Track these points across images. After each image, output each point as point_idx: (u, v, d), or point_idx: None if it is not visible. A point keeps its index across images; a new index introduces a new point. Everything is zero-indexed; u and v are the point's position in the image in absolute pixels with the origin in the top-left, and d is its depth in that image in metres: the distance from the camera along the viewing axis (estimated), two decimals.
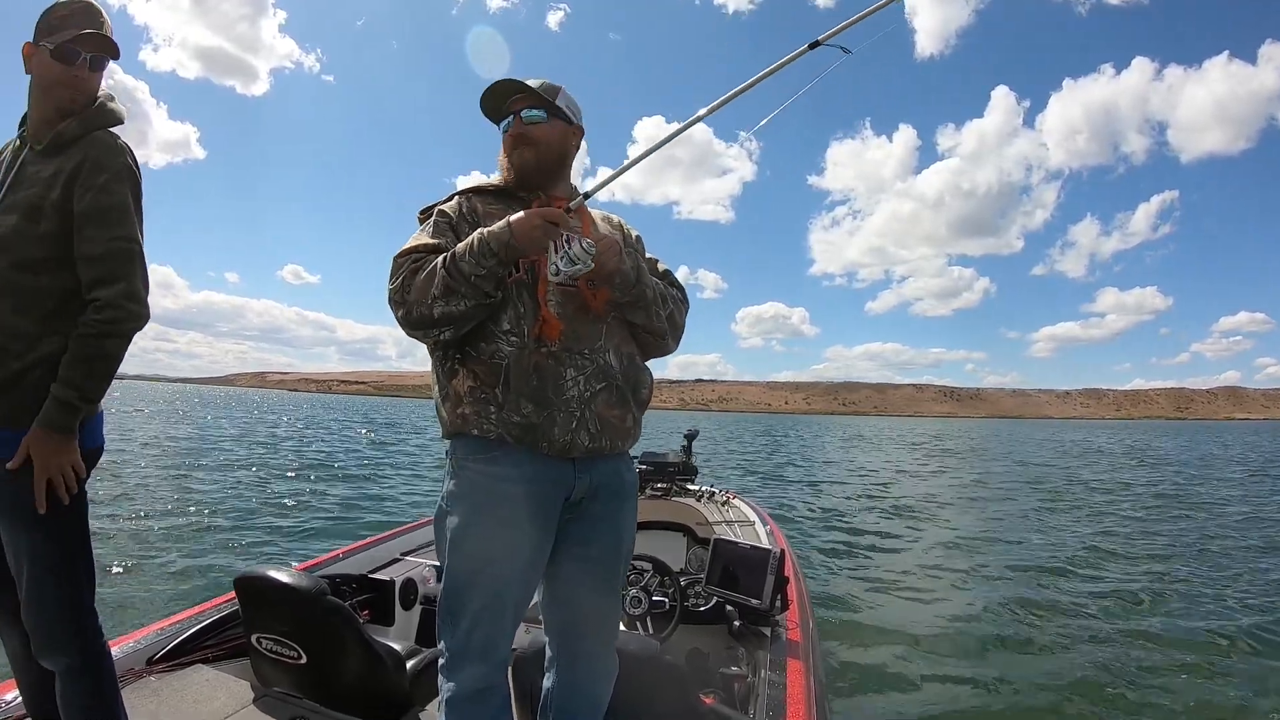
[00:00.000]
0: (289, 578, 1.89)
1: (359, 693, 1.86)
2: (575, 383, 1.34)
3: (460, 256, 1.28)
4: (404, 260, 1.35)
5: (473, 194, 1.49)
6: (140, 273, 1.42)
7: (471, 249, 1.28)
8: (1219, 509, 10.84)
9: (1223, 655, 4.25)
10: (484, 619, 1.33)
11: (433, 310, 1.28)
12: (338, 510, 8.18)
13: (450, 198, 1.49)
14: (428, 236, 1.39)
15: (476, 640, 1.33)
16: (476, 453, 1.34)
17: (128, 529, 6.32)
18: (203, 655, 2.12)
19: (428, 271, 1.30)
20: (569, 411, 1.33)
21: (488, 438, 1.33)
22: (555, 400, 1.32)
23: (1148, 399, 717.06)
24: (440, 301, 1.27)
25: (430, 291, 1.28)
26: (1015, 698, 3.57)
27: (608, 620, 1.52)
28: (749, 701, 2.02)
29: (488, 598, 1.33)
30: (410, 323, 1.32)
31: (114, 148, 1.43)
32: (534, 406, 1.31)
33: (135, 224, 1.42)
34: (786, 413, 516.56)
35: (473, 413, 1.33)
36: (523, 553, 1.34)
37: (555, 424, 1.32)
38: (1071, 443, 29.33)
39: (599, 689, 1.52)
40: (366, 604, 2.61)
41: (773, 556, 2.42)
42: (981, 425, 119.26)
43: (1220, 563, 6.90)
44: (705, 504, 4.05)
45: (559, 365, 1.34)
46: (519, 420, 1.31)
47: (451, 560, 1.35)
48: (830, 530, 8.46)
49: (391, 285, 1.33)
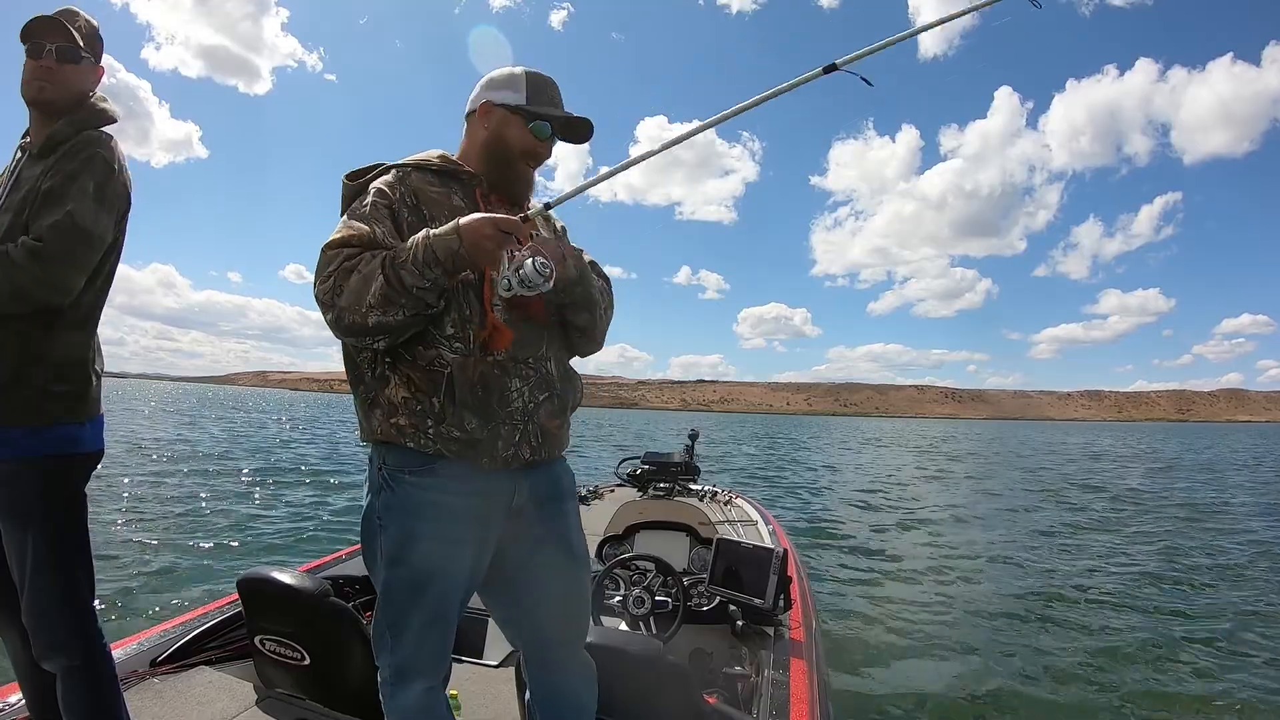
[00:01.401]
0: (292, 579, 1.89)
1: (362, 694, 1.85)
2: (520, 394, 1.29)
3: (401, 264, 1.14)
4: (335, 255, 1.19)
5: (412, 170, 1.33)
6: (76, 256, 1.36)
7: (414, 257, 1.14)
8: (1234, 517, 10.80)
9: (1234, 661, 4.23)
10: (431, 634, 1.29)
11: (367, 319, 1.14)
12: (338, 512, 8.18)
13: (386, 169, 1.34)
14: (362, 223, 1.23)
15: (424, 654, 1.30)
16: (411, 465, 1.25)
17: (129, 530, 6.32)
18: (206, 657, 2.12)
19: (363, 274, 1.15)
20: (512, 425, 1.28)
21: (426, 451, 1.24)
22: (500, 413, 1.26)
23: (1149, 401, 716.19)
24: (376, 311, 1.14)
25: (365, 299, 1.14)
26: (1018, 697, 3.57)
27: (574, 622, 1.48)
28: (752, 701, 2.01)
29: (432, 613, 1.28)
30: (341, 329, 1.18)
31: (93, 139, 1.43)
32: (478, 421, 1.24)
33: (93, 209, 1.38)
34: (788, 414, 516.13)
35: (409, 425, 1.23)
36: (465, 565, 1.29)
37: (499, 438, 1.26)
38: (1073, 445, 29.29)
39: (581, 693, 1.49)
40: (369, 605, 2.60)
41: (775, 556, 2.41)
42: (983, 427, 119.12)
43: (1244, 575, 6.59)
44: (708, 504, 4.05)
45: (505, 376, 1.27)
46: (460, 436, 1.23)
47: (390, 575, 1.27)
48: (833, 530, 8.45)
49: (320, 285, 1.18)
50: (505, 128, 1.37)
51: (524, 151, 1.38)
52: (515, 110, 1.37)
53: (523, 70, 1.39)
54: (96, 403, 1.52)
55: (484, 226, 1.16)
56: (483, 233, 1.15)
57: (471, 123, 1.40)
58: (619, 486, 4.65)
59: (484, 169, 1.38)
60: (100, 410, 1.54)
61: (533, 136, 1.37)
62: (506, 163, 1.38)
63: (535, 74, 1.40)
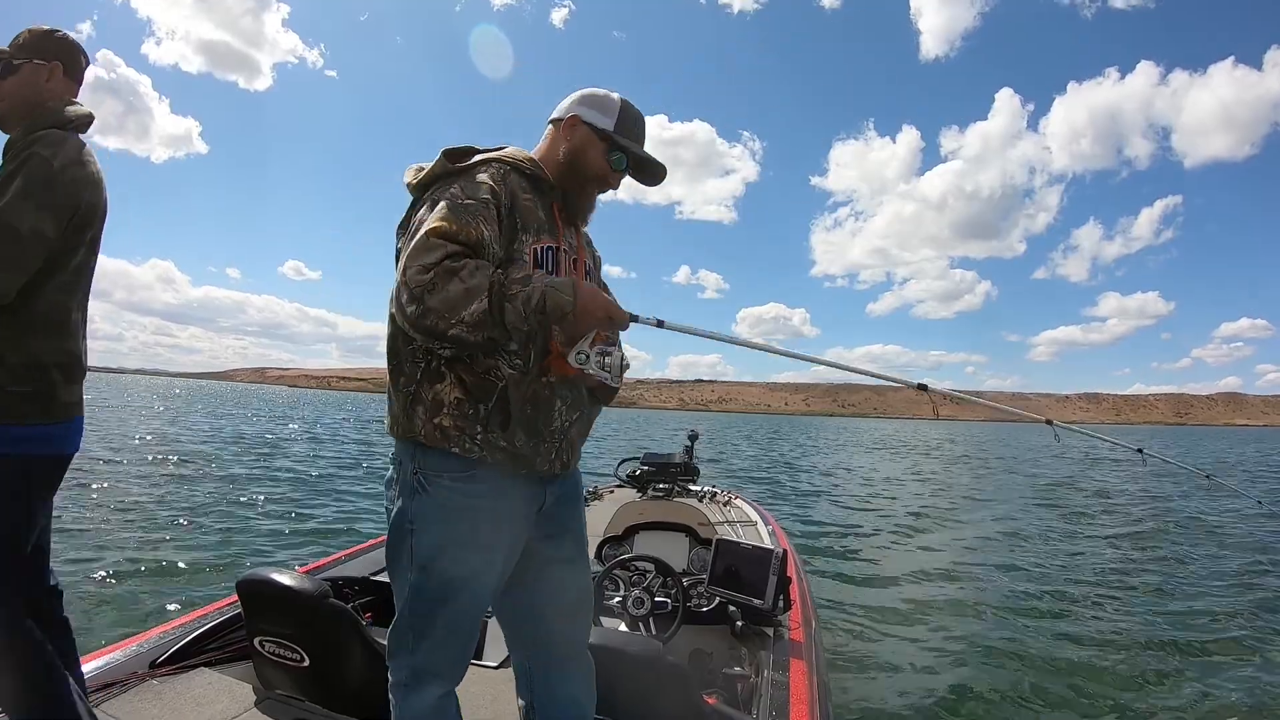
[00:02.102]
0: (291, 580, 1.89)
1: (361, 695, 1.85)
2: (560, 413, 1.32)
3: (510, 296, 1.12)
4: (440, 246, 1.13)
5: (510, 169, 1.31)
6: (5, 255, 1.33)
7: (526, 299, 1.12)
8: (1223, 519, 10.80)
9: (1243, 666, 4.22)
10: (456, 638, 1.31)
11: (449, 329, 1.11)
12: (339, 513, 8.17)
13: (489, 162, 1.30)
14: (472, 223, 1.18)
15: (446, 658, 1.31)
16: (452, 470, 1.25)
17: (128, 532, 6.30)
18: (205, 659, 2.12)
19: (466, 287, 1.10)
20: (552, 441, 1.32)
21: (469, 457, 1.24)
22: (544, 431, 1.30)
23: (1147, 404, 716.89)
24: (464, 326, 1.11)
25: (460, 312, 1.10)
26: (1018, 696, 3.57)
27: (582, 622, 1.51)
28: (752, 702, 2.02)
29: (462, 617, 1.30)
30: (416, 323, 1.12)
31: (35, 139, 1.42)
32: (525, 437, 1.27)
33: (23, 206, 1.35)
34: (786, 414, 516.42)
35: (454, 427, 1.24)
36: (496, 571, 1.32)
37: (538, 454, 1.30)
38: (1073, 447, 29.27)
39: (581, 694, 1.50)
40: (369, 606, 2.61)
41: (775, 557, 2.42)
42: (985, 429, 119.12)
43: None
44: (707, 504, 4.05)
45: (552, 396, 1.30)
46: (506, 447, 1.25)
47: (421, 579, 1.27)
48: (833, 530, 8.44)
49: (417, 275, 1.11)
50: (587, 147, 1.38)
51: (598, 176, 1.40)
52: (601, 134, 1.38)
53: (619, 98, 1.41)
54: (73, 405, 1.50)
55: (599, 308, 1.19)
56: (596, 314, 1.19)
57: (555, 131, 1.41)
58: (618, 487, 4.66)
59: (558, 181, 1.39)
60: (78, 413, 1.52)
61: (609, 164, 1.39)
62: (579, 182, 1.40)
63: (629, 105, 1.41)
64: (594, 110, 1.39)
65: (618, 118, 1.39)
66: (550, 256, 1.33)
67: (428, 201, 1.25)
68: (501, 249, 1.24)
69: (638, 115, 1.42)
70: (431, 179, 1.29)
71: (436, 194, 1.24)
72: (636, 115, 1.42)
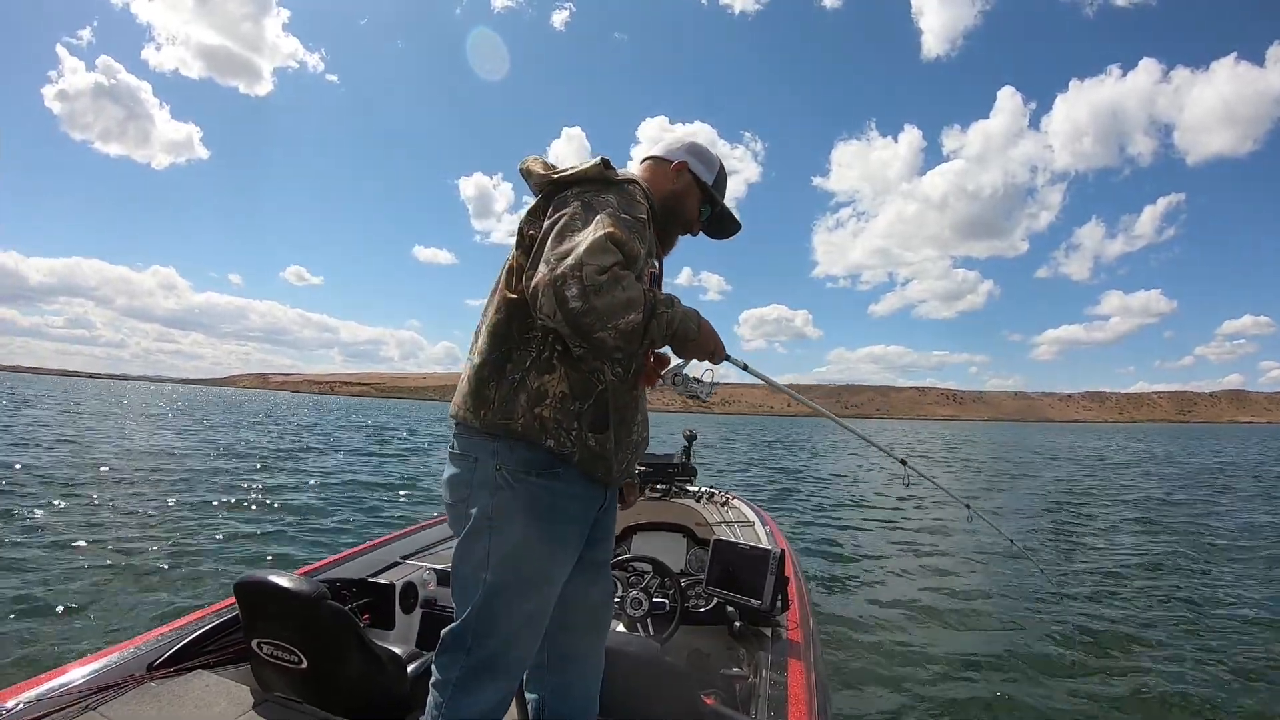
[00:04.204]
0: (289, 582, 1.89)
1: (360, 697, 1.85)
2: (638, 425, 1.43)
3: (658, 315, 1.18)
4: (614, 253, 1.15)
5: (647, 195, 1.42)
6: None
7: (670, 319, 1.20)
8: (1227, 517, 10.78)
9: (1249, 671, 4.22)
10: (524, 637, 1.32)
11: (598, 330, 1.12)
12: (338, 514, 8.17)
13: (637, 183, 1.38)
14: (636, 240, 1.24)
15: (511, 657, 1.31)
16: (539, 466, 1.27)
17: (126, 533, 6.31)
18: (203, 661, 2.12)
19: (629, 297, 1.14)
20: (627, 450, 1.39)
21: (561, 452, 1.26)
22: (624, 440, 1.37)
23: (1150, 402, 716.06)
24: (614, 333, 1.13)
25: (618, 319, 1.12)
26: (1016, 697, 3.56)
27: (606, 617, 1.57)
28: (750, 702, 2.01)
29: (533, 616, 1.31)
30: (574, 320, 1.11)
31: None
32: (613, 442, 1.33)
33: None
34: (789, 415, 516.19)
35: (553, 420, 1.26)
36: (567, 570, 1.36)
37: (615, 460, 1.35)
38: (1072, 447, 29.26)
39: (592, 688, 1.54)
40: (367, 608, 2.61)
41: (773, 557, 2.41)
42: (986, 429, 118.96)
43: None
44: (705, 505, 4.05)
45: (636, 407, 1.40)
46: (594, 448, 1.30)
47: (497, 577, 1.26)
48: (831, 531, 8.44)
49: (594, 274, 1.11)
50: (689, 194, 1.51)
51: (688, 221, 1.53)
52: (701, 185, 1.52)
53: (719, 158, 1.56)
54: None
55: (711, 341, 1.30)
56: (707, 347, 1.30)
57: (658, 168, 1.51)
58: None
59: (657, 215, 1.48)
60: None
61: (699, 213, 1.54)
62: (672, 221, 1.51)
63: (724, 167, 1.57)
64: (701, 164, 1.52)
65: (716, 175, 1.54)
66: (655, 281, 1.43)
67: (577, 201, 1.26)
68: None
69: (727, 177, 1.57)
70: (581, 179, 1.32)
71: (589, 198, 1.27)
72: (726, 175, 1.57)
